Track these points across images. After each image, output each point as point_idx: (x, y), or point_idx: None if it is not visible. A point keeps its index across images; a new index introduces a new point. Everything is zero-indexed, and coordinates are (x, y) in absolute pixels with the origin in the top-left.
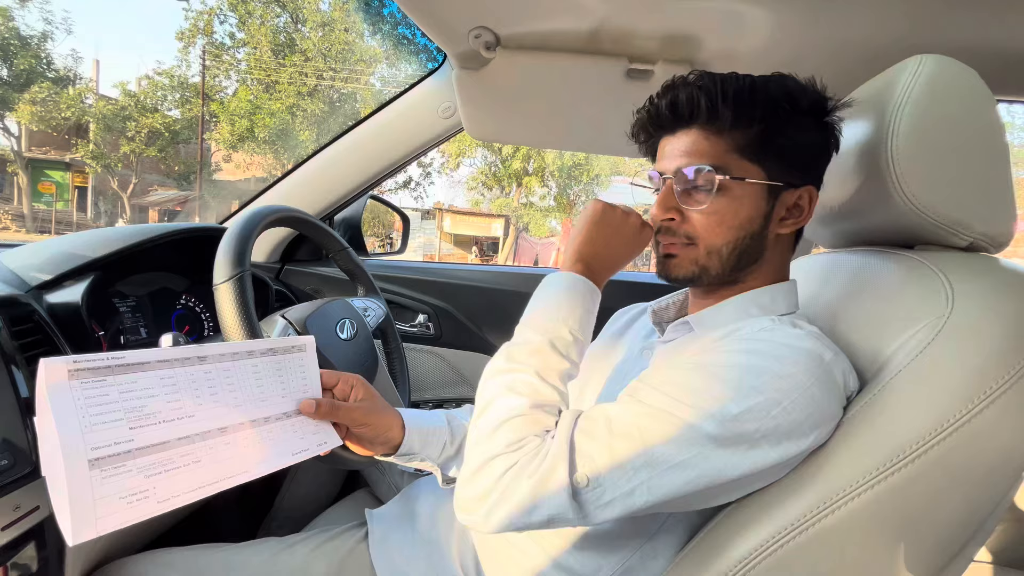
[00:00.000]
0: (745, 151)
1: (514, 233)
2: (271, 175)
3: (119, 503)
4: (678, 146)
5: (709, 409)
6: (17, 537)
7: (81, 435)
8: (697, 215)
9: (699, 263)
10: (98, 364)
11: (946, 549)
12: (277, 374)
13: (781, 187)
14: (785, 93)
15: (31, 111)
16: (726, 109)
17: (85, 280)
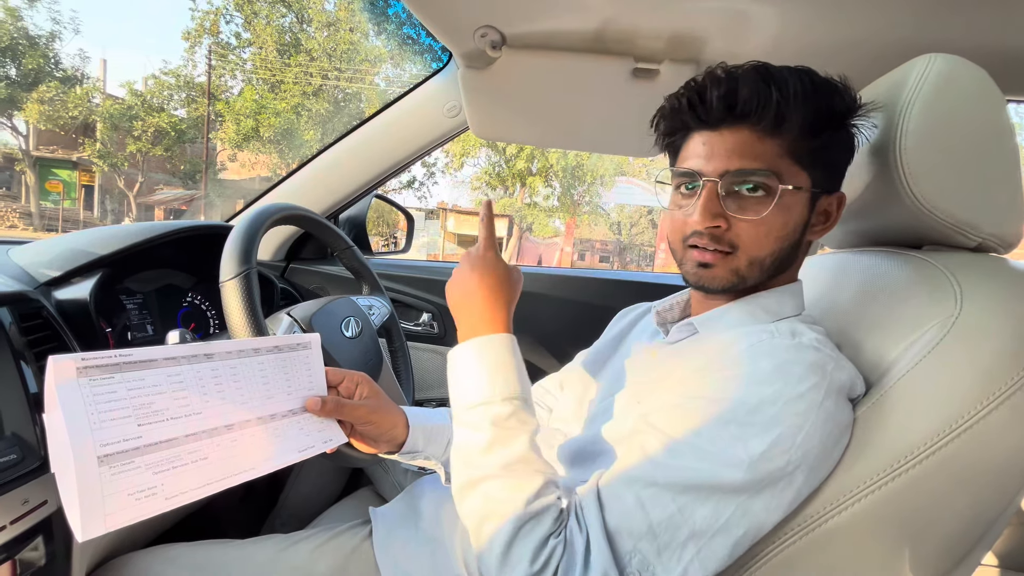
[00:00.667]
0: (796, 156)
1: (518, 233)
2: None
3: (128, 499)
4: (724, 145)
5: (734, 455)
6: (25, 531)
7: (90, 432)
8: (745, 223)
9: (739, 273)
10: (106, 361)
11: (953, 551)
12: (283, 372)
13: (819, 193)
14: (839, 97)
15: (39, 110)
16: (795, 114)
17: (93, 277)
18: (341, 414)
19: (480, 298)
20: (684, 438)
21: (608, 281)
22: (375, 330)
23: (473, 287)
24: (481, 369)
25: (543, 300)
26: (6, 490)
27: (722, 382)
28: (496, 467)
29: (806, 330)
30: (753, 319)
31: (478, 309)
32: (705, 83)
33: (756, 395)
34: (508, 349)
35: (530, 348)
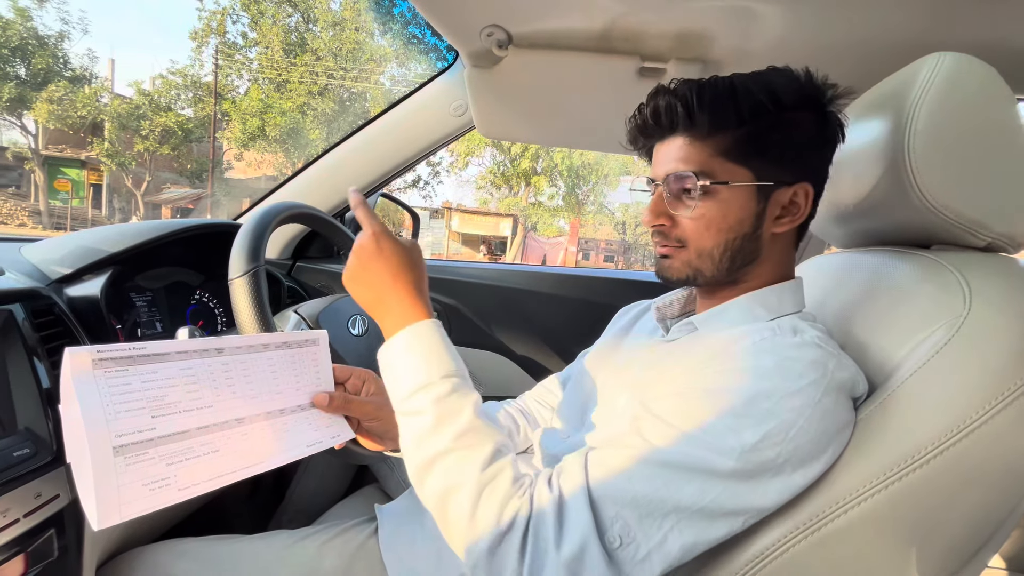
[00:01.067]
0: (730, 154)
1: (522, 232)
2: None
3: (142, 490)
4: (666, 153)
5: (726, 443)
6: (38, 524)
7: (106, 423)
8: (686, 220)
9: (692, 265)
10: (120, 354)
11: (960, 553)
12: (291, 367)
13: (771, 186)
14: (768, 92)
15: (48, 110)
16: (703, 115)
17: (104, 274)
18: (348, 410)
19: (388, 290)
20: (679, 424)
21: (612, 280)
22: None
23: (376, 280)
24: (413, 358)
25: (548, 299)
26: (20, 484)
27: (722, 375)
28: (447, 441)
29: (808, 328)
30: (753, 317)
31: (392, 302)
32: (640, 106)
33: (753, 388)
34: (435, 333)
35: (535, 347)
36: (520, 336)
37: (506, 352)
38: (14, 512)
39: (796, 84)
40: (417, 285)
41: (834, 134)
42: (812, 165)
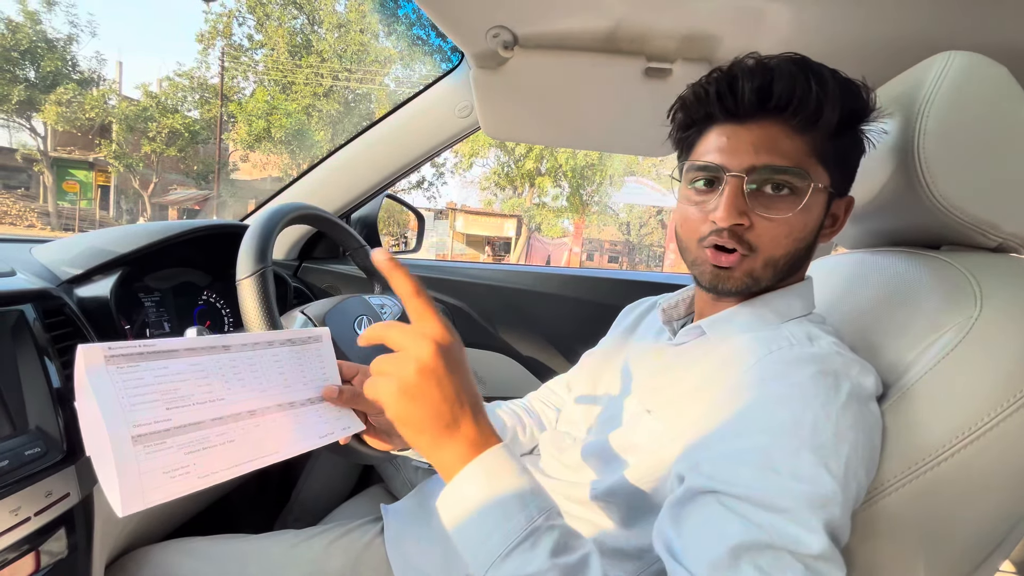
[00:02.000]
0: (821, 155)
1: (526, 233)
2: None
3: (163, 477)
4: (751, 139)
5: (823, 480)
6: (49, 523)
7: (123, 414)
8: (767, 222)
9: (754, 275)
10: (131, 351)
11: (971, 556)
12: (298, 363)
13: (834, 195)
14: (864, 98)
15: (57, 112)
16: (832, 111)
17: (114, 275)
18: (357, 404)
19: (453, 406)
20: (770, 486)
21: (617, 281)
22: None
23: (439, 397)
24: (502, 498)
25: (553, 300)
26: (31, 483)
27: (764, 406)
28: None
29: (821, 334)
30: (763, 322)
31: (458, 422)
32: (736, 73)
33: (809, 416)
34: (510, 457)
35: (540, 348)
36: (525, 337)
37: (511, 353)
38: (25, 510)
39: (871, 95)
40: (476, 392)
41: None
42: (854, 178)
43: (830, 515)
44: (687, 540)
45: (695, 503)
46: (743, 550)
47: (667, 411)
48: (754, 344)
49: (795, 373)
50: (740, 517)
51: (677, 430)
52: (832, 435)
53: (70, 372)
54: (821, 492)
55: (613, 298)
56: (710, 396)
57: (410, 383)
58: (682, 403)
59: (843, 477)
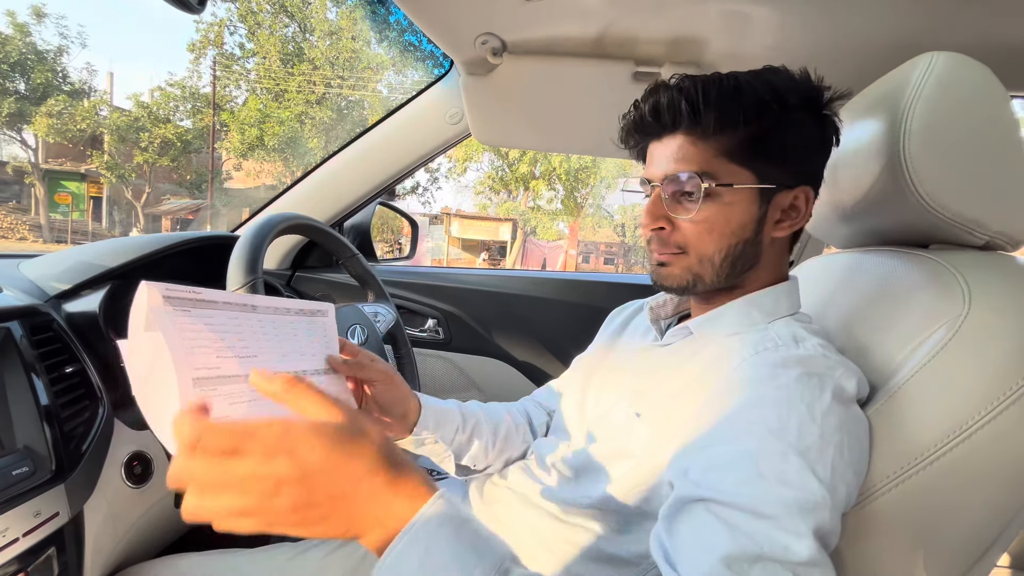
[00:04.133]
0: (733, 155)
1: (522, 236)
2: (281, 183)
3: None
4: (664, 152)
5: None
6: (38, 543)
7: (186, 355)
8: (687, 223)
9: (692, 271)
10: (184, 295)
11: (968, 554)
12: (309, 333)
13: (774, 189)
14: (772, 91)
15: (48, 123)
16: (709, 113)
17: (102, 289)
18: (362, 372)
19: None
20: (756, 492)
21: (612, 284)
22: (381, 337)
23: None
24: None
25: (548, 304)
26: (19, 502)
27: (750, 408)
28: None
29: (807, 335)
30: (749, 321)
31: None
32: (637, 101)
33: (795, 419)
34: (449, 514)
35: (536, 353)
36: (521, 342)
37: (507, 358)
38: (13, 531)
39: (797, 84)
40: (394, 458)
41: (831, 137)
42: (812, 168)
43: (819, 520)
44: (680, 551)
45: (685, 512)
46: (733, 561)
47: (656, 414)
48: (740, 345)
49: (781, 375)
50: (728, 526)
51: (667, 434)
52: (818, 438)
53: (59, 389)
54: (809, 498)
55: (608, 301)
56: (698, 399)
57: (276, 510)
58: (671, 406)
59: (830, 480)
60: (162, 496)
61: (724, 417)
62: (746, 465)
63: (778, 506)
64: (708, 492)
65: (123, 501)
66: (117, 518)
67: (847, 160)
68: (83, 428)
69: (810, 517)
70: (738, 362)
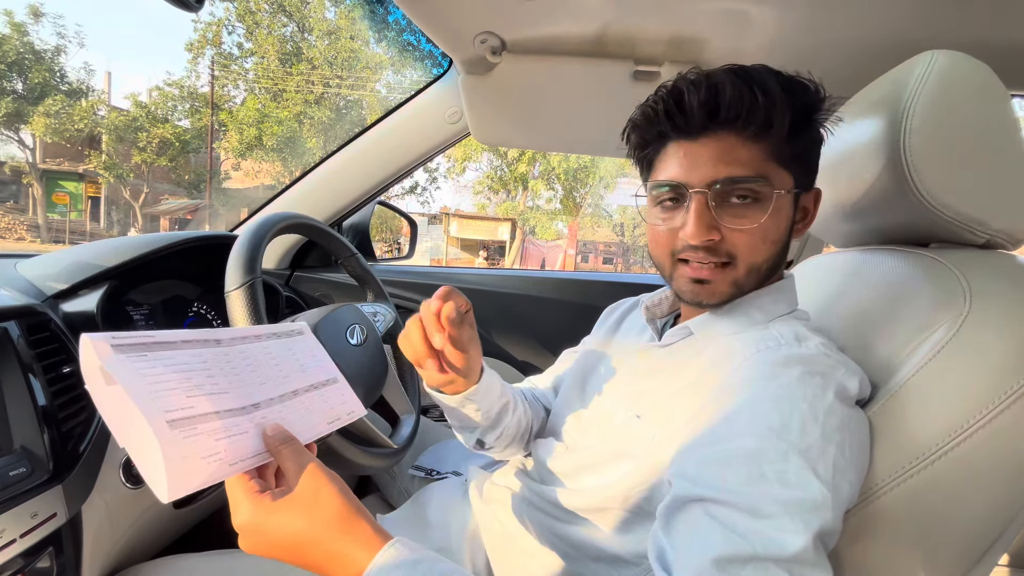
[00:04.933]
0: (780, 158)
1: (521, 236)
2: (279, 182)
3: (201, 462)
4: (707, 153)
5: (812, 485)
6: (35, 544)
7: (152, 399)
8: (739, 233)
9: (737, 283)
10: (135, 341)
11: (969, 553)
12: (291, 353)
13: (799, 192)
14: (808, 95)
15: (45, 123)
16: (781, 116)
17: (99, 289)
18: (460, 328)
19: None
20: (756, 492)
21: (610, 283)
22: (380, 337)
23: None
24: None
25: (546, 304)
26: (16, 503)
27: (752, 407)
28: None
29: (809, 334)
30: (751, 321)
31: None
32: (681, 89)
33: (797, 417)
34: (400, 561)
35: (535, 352)
36: (520, 341)
37: (506, 358)
38: (10, 532)
39: (818, 89)
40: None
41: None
42: (817, 170)
43: (822, 520)
44: (675, 550)
45: (682, 512)
46: (725, 562)
47: (657, 414)
48: (742, 344)
49: (783, 374)
50: (724, 527)
51: (668, 434)
52: (819, 437)
53: (56, 389)
54: (809, 497)
55: (606, 301)
56: (699, 398)
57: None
58: (671, 405)
59: (832, 480)
60: None
61: (725, 416)
62: (747, 464)
63: (777, 506)
64: (707, 491)
65: (121, 502)
66: (115, 519)
67: (847, 159)
68: (81, 429)
69: (810, 517)
70: (740, 361)
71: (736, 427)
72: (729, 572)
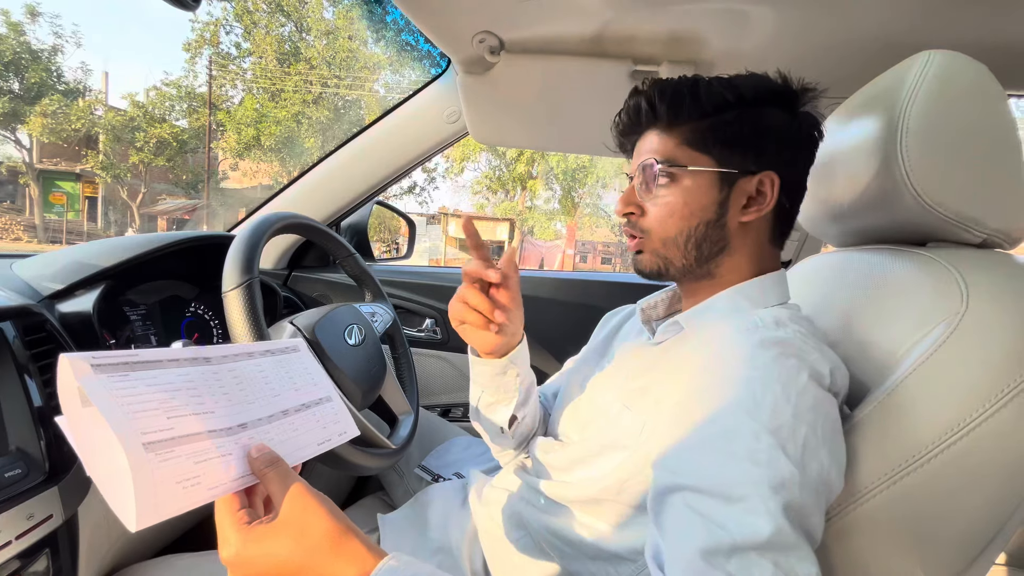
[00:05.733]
0: (692, 142)
1: (519, 236)
2: (277, 182)
3: (176, 488)
4: (640, 146)
5: (779, 473)
6: (31, 546)
7: (128, 421)
8: (652, 208)
9: (659, 255)
10: (116, 360)
11: (966, 551)
12: (284, 371)
13: (735, 174)
14: (731, 88)
15: (42, 123)
16: (662, 107)
17: (96, 289)
18: (509, 285)
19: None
20: (728, 474)
21: (608, 283)
22: (378, 337)
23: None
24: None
25: (544, 304)
26: (11, 505)
27: (727, 387)
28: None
29: (788, 321)
30: (737, 310)
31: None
32: (630, 103)
33: (769, 398)
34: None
35: (533, 352)
36: None
37: None
38: (6, 534)
39: (761, 82)
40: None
41: (808, 132)
42: (781, 157)
43: (789, 496)
44: (667, 546)
45: (666, 505)
46: (709, 554)
47: (645, 404)
48: (722, 327)
49: (759, 355)
50: (703, 518)
51: (655, 423)
52: (791, 416)
53: (52, 390)
54: (777, 475)
55: (605, 301)
56: (682, 384)
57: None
58: (659, 395)
59: (800, 458)
60: None
61: (701, 400)
62: (719, 445)
63: (748, 486)
64: (685, 479)
65: None
66: (112, 520)
67: (844, 158)
68: None
69: (780, 495)
70: (718, 343)
71: (711, 410)
72: (714, 564)
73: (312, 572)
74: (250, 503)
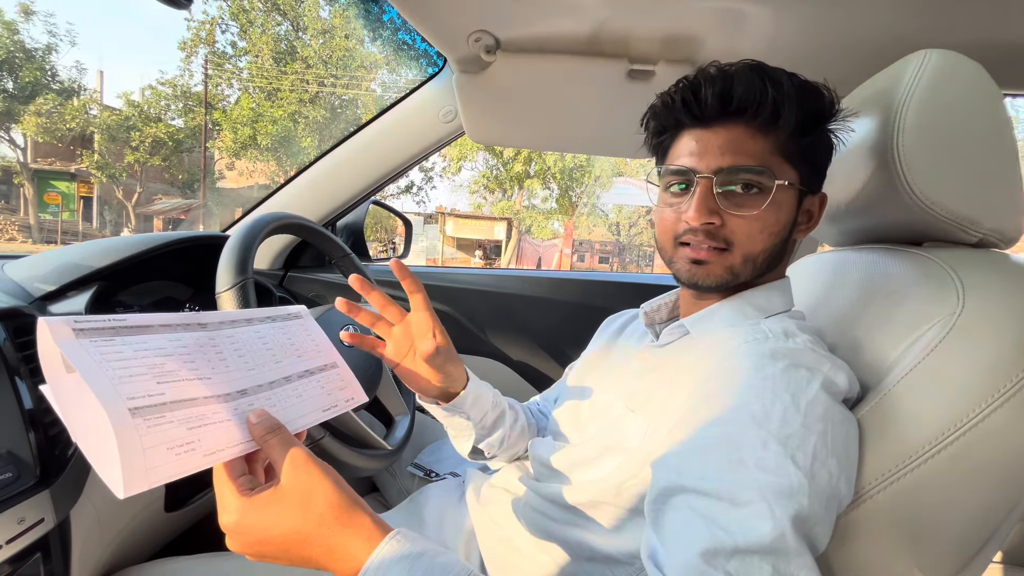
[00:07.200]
0: (786, 153)
1: (517, 236)
2: (274, 182)
3: (167, 454)
4: (717, 142)
5: (789, 472)
6: (23, 550)
7: (113, 385)
8: (738, 219)
9: (733, 270)
10: (100, 325)
11: (963, 551)
12: (286, 337)
13: (806, 192)
14: (826, 102)
15: (36, 123)
16: (789, 111)
17: (89, 290)
18: (437, 327)
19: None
20: (735, 479)
21: (606, 283)
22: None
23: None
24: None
25: (542, 304)
26: (2, 509)
27: (735, 396)
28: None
29: (798, 331)
30: (743, 317)
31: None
32: (699, 80)
33: (779, 407)
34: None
35: (531, 352)
36: (516, 341)
37: (502, 358)
38: None
39: (833, 96)
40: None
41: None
42: (825, 175)
43: (798, 506)
44: (666, 548)
45: (667, 506)
46: (711, 555)
47: (650, 407)
48: (730, 337)
49: (768, 366)
50: (706, 520)
51: (658, 426)
52: (800, 426)
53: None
54: (786, 483)
55: (603, 300)
56: (687, 389)
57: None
58: (663, 398)
59: (810, 468)
60: (151, 500)
61: (709, 405)
62: (726, 451)
63: (754, 492)
64: (688, 480)
65: (111, 506)
66: (105, 523)
67: (840, 158)
68: (68, 433)
69: (788, 503)
70: (726, 352)
71: (718, 416)
72: (715, 566)
73: (317, 543)
74: (250, 471)
